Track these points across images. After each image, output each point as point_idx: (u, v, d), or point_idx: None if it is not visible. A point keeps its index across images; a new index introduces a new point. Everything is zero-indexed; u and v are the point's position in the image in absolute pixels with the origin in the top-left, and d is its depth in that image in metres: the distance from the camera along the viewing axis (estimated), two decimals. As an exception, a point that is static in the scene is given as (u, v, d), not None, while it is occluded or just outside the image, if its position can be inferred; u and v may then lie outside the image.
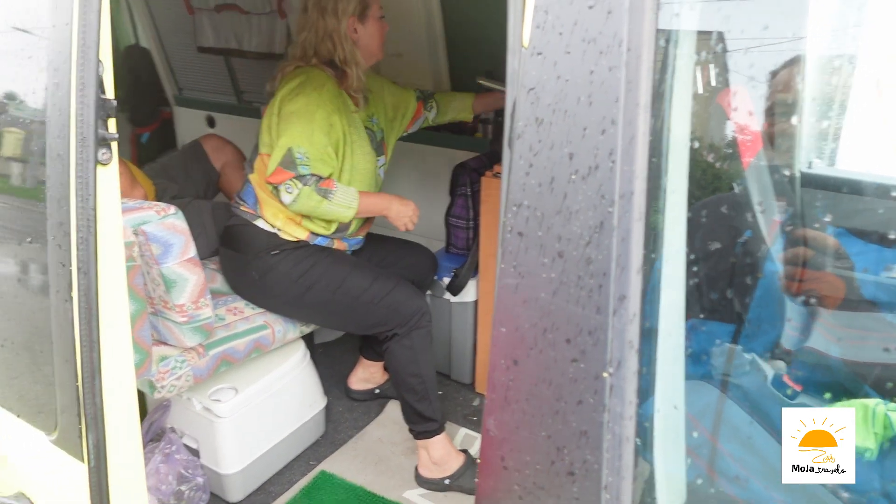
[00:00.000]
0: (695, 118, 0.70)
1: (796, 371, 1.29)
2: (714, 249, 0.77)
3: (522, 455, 0.71)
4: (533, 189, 0.66)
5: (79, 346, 0.87)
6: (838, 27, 0.78)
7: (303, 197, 1.84)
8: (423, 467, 2.07)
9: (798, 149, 1.35)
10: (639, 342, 0.64)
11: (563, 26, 0.63)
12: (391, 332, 1.98)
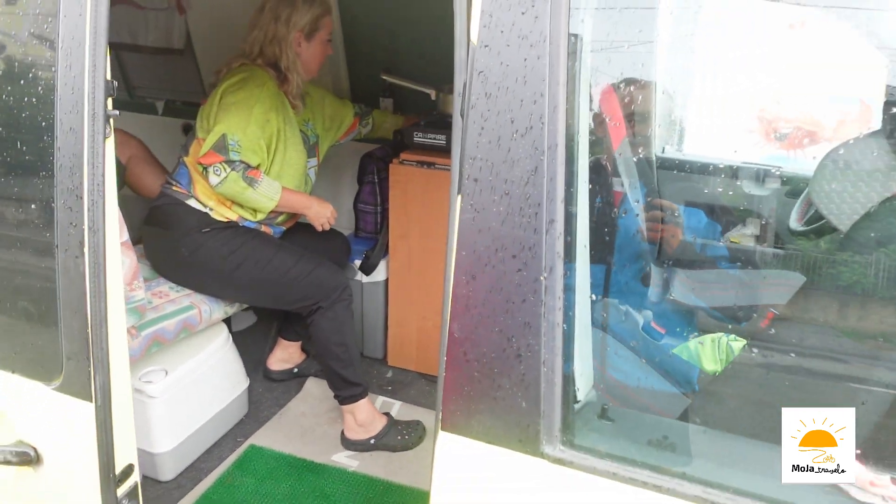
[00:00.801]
0: (587, 92, 0.97)
1: (661, 318, 1.62)
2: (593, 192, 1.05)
3: (480, 348, 0.94)
4: (484, 145, 0.89)
5: (89, 297, 0.99)
6: (686, 33, 1.08)
7: (229, 181, 1.97)
8: (350, 430, 2.25)
9: (653, 136, 1.69)
10: (564, 253, 0.89)
11: (504, 26, 0.87)
12: (316, 306, 2.15)
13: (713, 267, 1.68)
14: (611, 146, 1.36)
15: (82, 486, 1.08)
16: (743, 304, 1.43)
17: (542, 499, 0.95)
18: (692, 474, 0.91)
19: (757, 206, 1.62)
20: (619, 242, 1.37)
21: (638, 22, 0.95)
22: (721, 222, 1.63)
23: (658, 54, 1.05)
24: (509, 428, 0.95)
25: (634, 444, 1.01)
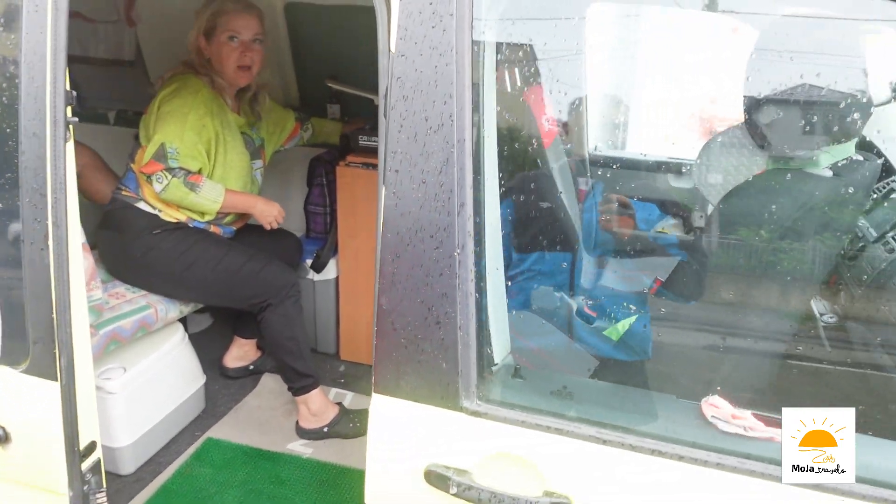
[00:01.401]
0: (497, 96, 1.12)
1: (593, 302, 1.77)
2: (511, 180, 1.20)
3: (405, 318, 1.08)
4: (404, 141, 1.04)
5: (53, 285, 1.09)
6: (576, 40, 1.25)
7: (171, 187, 2.07)
8: (303, 419, 2.36)
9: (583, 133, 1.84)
10: (474, 232, 1.04)
11: (417, 38, 1.01)
12: (266, 303, 2.25)
13: (641, 256, 1.85)
14: (532, 141, 1.52)
15: (49, 462, 1.18)
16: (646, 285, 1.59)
17: (463, 447, 1.09)
18: (587, 418, 1.07)
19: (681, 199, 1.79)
20: (546, 230, 1.51)
21: (532, 32, 1.11)
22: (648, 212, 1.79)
23: (551, 61, 1.21)
24: (432, 387, 1.09)
25: (540, 397, 1.17)
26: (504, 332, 1.23)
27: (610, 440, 1.03)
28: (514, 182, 1.26)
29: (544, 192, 1.59)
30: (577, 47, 1.21)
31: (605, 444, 1.04)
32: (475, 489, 1.06)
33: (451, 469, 1.08)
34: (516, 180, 1.30)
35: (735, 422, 1.05)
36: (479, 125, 1.04)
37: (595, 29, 1.18)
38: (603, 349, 1.59)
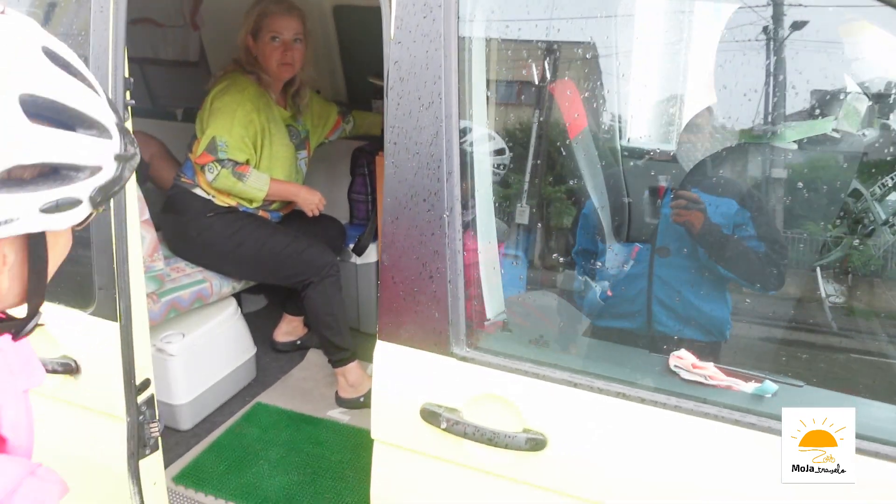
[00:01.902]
0: (479, 77, 1.26)
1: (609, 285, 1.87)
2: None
3: (403, 272, 1.24)
4: (401, 117, 1.20)
5: (114, 240, 1.31)
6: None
7: (221, 177, 2.31)
8: (342, 390, 2.56)
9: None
10: (461, 196, 1.19)
11: (411, 27, 1.17)
12: (308, 281, 2.46)
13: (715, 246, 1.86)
14: (552, 126, 1.63)
15: (111, 392, 1.40)
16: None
17: (453, 389, 1.24)
18: (562, 364, 1.19)
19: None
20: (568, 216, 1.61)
21: (506, 24, 1.25)
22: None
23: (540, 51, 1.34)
24: (427, 334, 1.24)
25: (522, 346, 1.30)
26: (497, 291, 1.36)
27: (580, 384, 1.16)
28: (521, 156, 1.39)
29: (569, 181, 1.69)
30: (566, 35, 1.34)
31: (576, 387, 1.16)
32: (462, 424, 1.21)
33: (443, 407, 1.23)
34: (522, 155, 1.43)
35: (695, 371, 1.16)
36: (464, 104, 1.18)
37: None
38: (678, 330, 1.63)
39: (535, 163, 1.44)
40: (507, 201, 1.38)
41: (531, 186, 1.45)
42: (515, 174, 1.40)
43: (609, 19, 1.58)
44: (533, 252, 1.60)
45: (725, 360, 1.18)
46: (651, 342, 1.48)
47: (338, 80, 3.21)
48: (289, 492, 2.12)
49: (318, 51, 3.21)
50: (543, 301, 1.54)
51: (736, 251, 1.55)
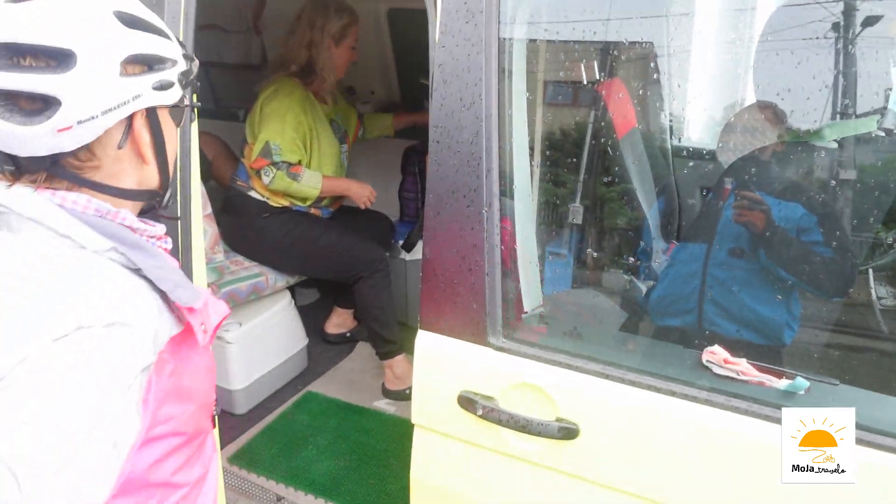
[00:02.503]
0: (518, 78, 1.30)
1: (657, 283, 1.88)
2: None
3: (444, 265, 1.30)
4: (444, 117, 1.26)
5: (180, 228, 1.44)
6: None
7: (277, 179, 2.42)
8: (388, 381, 2.64)
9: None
10: (499, 193, 1.24)
11: (454, 32, 1.23)
12: (358, 276, 2.55)
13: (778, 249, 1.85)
14: (602, 127, 1.66)
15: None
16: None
17: (489, 377, 1.29)
18: (595, 356, 1.23)
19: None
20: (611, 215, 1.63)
21: (546, 27, 1.29)
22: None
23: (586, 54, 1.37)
24: (465, 324, 1.30)
25: (558, 338, 1.34)
26: (535, 284, 1.41)
27: (613, 376, 1.19)
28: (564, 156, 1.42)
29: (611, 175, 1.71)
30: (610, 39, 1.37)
31: (608, 378, 1.20)
32: (497, 412, 1.26)
33: (479, 395, 1.28)
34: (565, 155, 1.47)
35: (727, 366, 1.17)
36: (501, 104, 1.23)
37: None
38: (729, 330, 1.64)
39: (577, 161, 1.48)
40: (548, 198, 1.42)
41: (574, 184, 1.49)
42: (557, 172, 1.44)
43: (651, 18, 1.61)
44: (578, 250, 1.63)
45: (779, 363, 1.19)
46: (701, 341, 1.49)
47: (391, 81, 3.31)
48: (335, 476, 2.22)
49: (373, 53, 3.31)
50: (582, 297, 1.58)
51: (800, 255, 1.54)
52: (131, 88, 0.80)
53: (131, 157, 0.86)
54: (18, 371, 0.69)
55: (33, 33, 0.74)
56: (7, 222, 0.80)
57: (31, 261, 0.76)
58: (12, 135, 0.75)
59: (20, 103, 0.75)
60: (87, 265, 0.78)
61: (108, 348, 0.73)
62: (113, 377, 0.73)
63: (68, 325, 0.71)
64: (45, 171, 0.81)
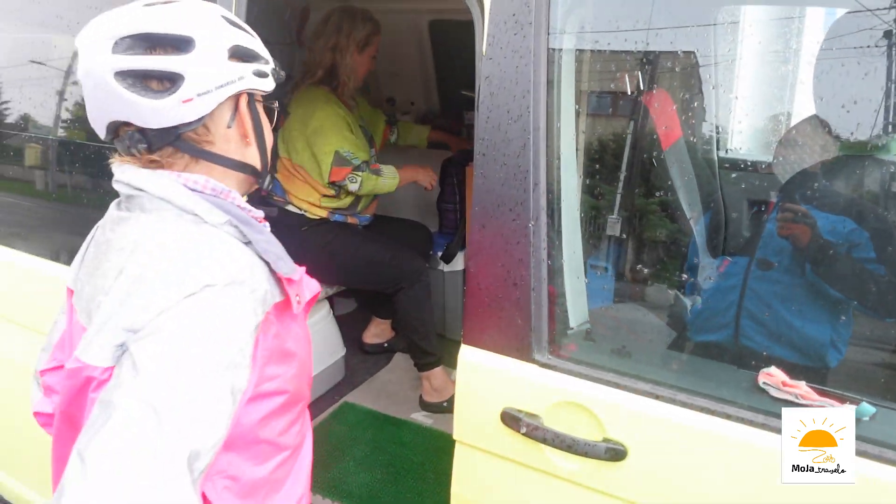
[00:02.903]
0: (567, 90, 1.28)
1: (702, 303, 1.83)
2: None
3: (488, 279, 1.28)
4: (490, 129, 1.24)
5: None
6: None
7: (365, 181, 2.44)
8: (426, 394, 2.62)
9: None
10: (546, 207, 1.22)
11: (502, 44, 1.22)
12: (398, 287, 2.55)
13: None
14: (635, 138, 1.63)
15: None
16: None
17: (534, 394, 1.26)
18: (645, 375, 1.19)
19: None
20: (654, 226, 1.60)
21: (596, 38, 1.26)
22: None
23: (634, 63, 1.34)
24: (509, 340, 1.28)
25: (605, 355, 1.30)
26: (581, 300, 1.38)
27: (663, 396, 1.16)
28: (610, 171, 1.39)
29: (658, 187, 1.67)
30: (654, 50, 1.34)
31: (658, 399, 1.16)
32: (541, 430, 1.23)
33: (523, 412, 1.26)
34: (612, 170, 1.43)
35: (786, 389, 1.13)
36: (551, 116, 1.21)
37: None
38: (767, 347, 1.59)
39: (625, 174, 1.45)
40: (595, 212, 1.39)
41: (621, 198, 1.46)
42: (605, 185, 1.41)
43: (705, 28, 1.57)
44: (619, 263, 1.59)
45: (821, 383, 1.14)
46: (738, 357, 1.44)
47: (431, 92, 3.31)
48: (372, 489, 2.20)
49: (414, 64, 3.33)
50: (628, 312, 1.54)
51: (851, 271, 1.48)
52: (236, 70, 0.96)
53: (237, 138, 1.01)
54: (157, 322, 0.83)
55: (161, 25, 0.91)
56: (140, 204, 0.95)
57: (164, 235, 0.91)
58: (149, 107, 0.90)
59: (152, 84, 0.91)
60: (209, 237, 0.92)
61: (228, 304, 0.87)
62: (233, 329, 0.86)
63: (197, 285, 0.85)
64: (171, 145, 0.95)
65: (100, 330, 0.87)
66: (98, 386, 0.86)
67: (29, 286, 2.01)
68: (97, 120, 0.96)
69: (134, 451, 0.75)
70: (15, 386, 2.11)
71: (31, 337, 1.95)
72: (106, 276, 0.92)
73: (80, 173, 1.99)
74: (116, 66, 0.89)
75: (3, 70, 2.16)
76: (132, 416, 0.77)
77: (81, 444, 0.78)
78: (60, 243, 2.06)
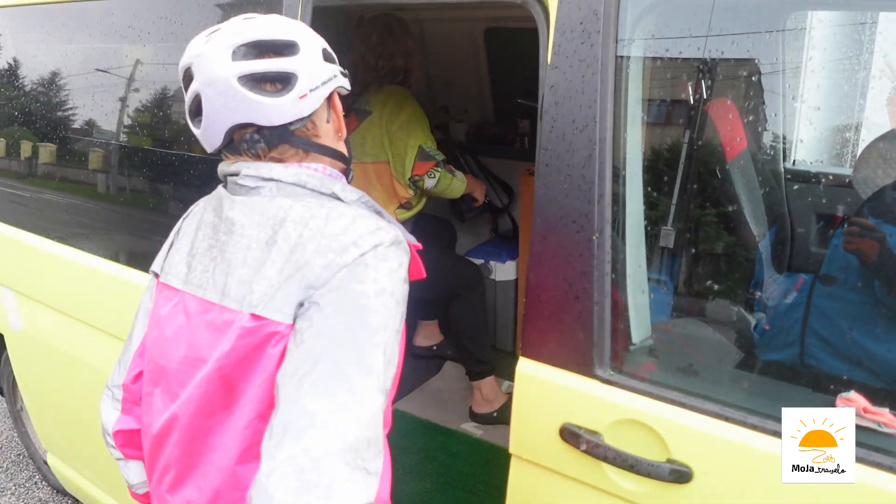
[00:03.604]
0: (634, 100, 1.25)
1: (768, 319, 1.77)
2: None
3: (549, 291, 1.26)
4: (554, 139, 1.22)
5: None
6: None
7: (442, 178, 2.42)
8: (476, 404, 2.60)
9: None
10: (611, 219, 1.19)
11: (568, 53, 1.20)
12: (456, 294, 2.54)
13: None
14: (703, 150, 1.58)
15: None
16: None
17: (594, 411, 1.23)
18: (713, 395, 1.15)
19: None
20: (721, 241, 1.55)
21: (665, 46, 1.23)
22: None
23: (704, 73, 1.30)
24: (569, 354, 1.25)
25: (670, 373, 1.26)
26: (644, 316, 1.34)
27: (732, 418, 1.11)
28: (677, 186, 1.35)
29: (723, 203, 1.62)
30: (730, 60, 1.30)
31: (727, 421, 1.11)
32: (602, 448, 1.20)
33: (583, 429, 1.23)
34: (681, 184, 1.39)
35: (868, 416, 1.06)
36: (617, 126, 1.18)
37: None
38: (834, 366, 1.53)
39: (691, 186, 1.40)
40: (660, 225, 1.35)
41: (685, 210, 1.41)
42: (669, 197, 1.37)
43: (774, 35, 1.51)
44: (682, 277, 1.55)
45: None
46: (808, 378, 1.37)
47: (486, 99, 3.30)
48: (422, 498, 2.20)
49: (469, 72, 3.33)
50: (691, 328, 1.49)
51: None
52: (330, 69, 1.06)
53: (332, 132, 1.10)
54: (340, 276, 0.92)
55: (268, 32, 1.01)
56: (269, 190, 1.03)
57: (317, 209, 0.99)
58: (270, 106, 0.99)
59: (266, 86, 0.99)
60: (356, 208, 1.02)
61: (397, 261, 0.97)
62: (402, 284, 0.97)
63: (368, 243, 0.94)
64: (286, 142, 1.03)
65: (278, 288, 0.94)
66: (279, 341, 0.94)
67: (105, 289, 2.08)
68: (216, 125, 1.02)
69: (343, 397, 0.86)
70: (82, 386, 2.19)
71: (106, 341, 2.02)
72: (249, 247, 0.99)
73: (165, 182, 2.06)
74: (239, 72, 0.98)
75: (75, 77, 2.25)
76: (334, 361, 0.88)
77: (286, 391, 0.88)
78: (138, 247, 2.13)
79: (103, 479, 2.34)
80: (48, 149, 2.30)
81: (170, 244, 1.17)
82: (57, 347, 2.26)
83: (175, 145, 1.95)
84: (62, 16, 2.22)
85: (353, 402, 0.86)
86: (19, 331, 2.42)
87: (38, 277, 2.29)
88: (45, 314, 2.26)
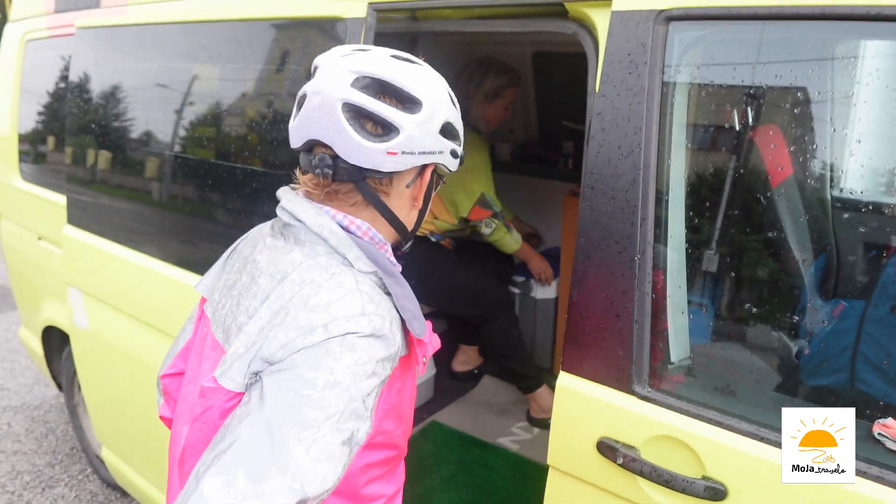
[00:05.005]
0: (679, 127, 1.30)
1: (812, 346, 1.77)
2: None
3: (590, 309, 1.31)
4: (599, 164, 1.28)
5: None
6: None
7: (497, 230, 2.55)
8: (534, 412, 2.66)
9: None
10: (653, 240, 1.24)
11: (616, 82, 1.26)
12: (484, 318, 2.61)
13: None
14: (747, 178, 1.61)
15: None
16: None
17: (632, 426, 1.27)
18: (749, 416, 1.18)
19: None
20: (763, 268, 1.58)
21: (710, 76, 1.28)
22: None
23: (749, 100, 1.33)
24: (609, 370, 1.30)
25: (707, 392, 1.29)
26: (683, 336, 1.37)
27: (768, 439, 1.14)
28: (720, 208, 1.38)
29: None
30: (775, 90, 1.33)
31: (762, 441, 1.14)
32: (639, 462, 1.24)
33: (620, 443, 1.27)
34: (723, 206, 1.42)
35: (904, 441, 1.08)
36: (662, 153, 1.23)
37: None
38: (886, 393, 1.53)
39: (734, 212, 1.43)
40: (701, 248, 1.39)
41: (728, 235, 1.44)
42: (712, 222, 1.41)
43: (821, 63, 1.54)
44: (723, 301, 1.57)
45: None
46: (849, 405, 1.38)
47: (531, 121, 3.37)
48: (458, 508, 2.25)
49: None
50: (729, 351, 1.51)
51: None
52: (440, 144, 1.03)
53: (408, 199, 1.07)
54: (294, 358, 0.86)
55: (400, 79, 0.97)
56: (295, 234, 1.01)
57: (316, 272, 0.95)
58: (358, 144, 0.95)
59: (367, 125, 0.96)
60: (356, 281, 0.95)
61: (365, 355, 0.89)
62: (364, 380, 0.88)
63: (340, 330, 0.88)
64: (353, 182, 1.00)
65: (240, 356, 0.92)
66: (227, 411, 0.92)
67: (165, 292, 2.21)
68: (303, 129, 1.00)
69: (245, 487, 0.78)
70: (139, 384, 2.31)
71: (164, 341, 2.14)
72: (255, 297, 0.97)
73: (213, 189, 2.18)
74: (348, 98, 0.95)
75: (145, 93, 2.40)
76: (250, 448, 0.80)
77: (202, 465, 0.82)
78: (195, 252, 2.25)
79: (154, 473, 2.46)
80: (121, 159, 2.45)
81: (222, 263, 1.18)
82: (118, 346, 2.39)
83: (237, 159, 2.07)
84: (146, 37, 2.38)
85: (252, 497, 0.78)
86: (84, 329, 2.57)
87: (105, 279, 2.44)
88: (110, 314, 2.40)
